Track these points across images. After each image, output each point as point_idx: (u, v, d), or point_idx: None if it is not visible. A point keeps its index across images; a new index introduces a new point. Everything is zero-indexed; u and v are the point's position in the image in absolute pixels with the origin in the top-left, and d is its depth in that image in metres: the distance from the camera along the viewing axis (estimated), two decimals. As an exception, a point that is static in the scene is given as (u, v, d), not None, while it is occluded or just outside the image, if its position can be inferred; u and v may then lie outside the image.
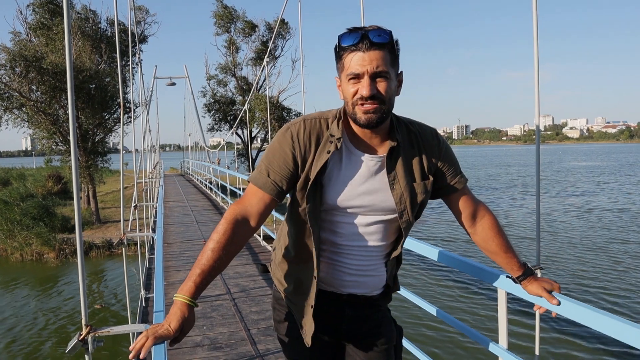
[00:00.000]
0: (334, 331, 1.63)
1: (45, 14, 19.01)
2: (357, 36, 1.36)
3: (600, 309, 1.51)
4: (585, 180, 37.46)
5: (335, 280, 1.58)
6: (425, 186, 1.54)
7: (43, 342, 8.84)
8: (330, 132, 1.48)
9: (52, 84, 16.98)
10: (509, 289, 1.84)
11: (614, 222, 18.33)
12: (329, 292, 1.60)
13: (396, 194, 1.50)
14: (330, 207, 1.50)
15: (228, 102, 30.46)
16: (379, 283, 1.63)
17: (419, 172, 1.54)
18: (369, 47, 1.35)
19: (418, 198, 1.53)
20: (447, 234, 16.77)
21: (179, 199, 16.88)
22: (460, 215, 1.66)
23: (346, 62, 1.40)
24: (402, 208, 1.51)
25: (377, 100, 1.39)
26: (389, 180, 1.50)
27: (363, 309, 1.62)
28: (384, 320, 1.68)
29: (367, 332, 1.64)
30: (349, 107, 1.43)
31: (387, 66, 1.38)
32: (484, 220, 1.66)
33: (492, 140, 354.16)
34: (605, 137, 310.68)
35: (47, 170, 29.57)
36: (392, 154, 1.50)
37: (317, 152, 1.47)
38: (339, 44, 1.41)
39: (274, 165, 1.47)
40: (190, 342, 4.12)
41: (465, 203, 1.64)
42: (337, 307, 1.61)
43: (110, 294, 11.93)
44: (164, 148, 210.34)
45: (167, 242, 8.66)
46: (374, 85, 1.37)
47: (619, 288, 10.28)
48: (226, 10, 28.98)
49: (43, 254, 15.48)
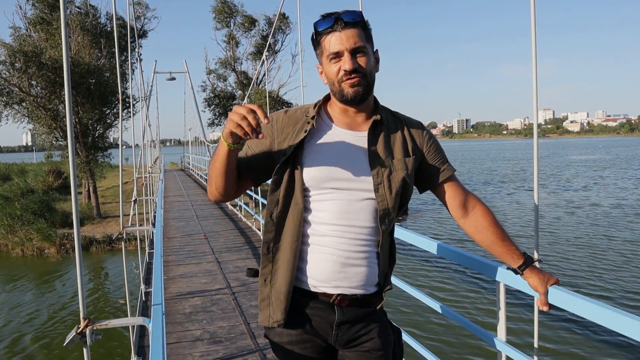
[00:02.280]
0: (326, 336, 1.56)
1: (44, 8, 18.99)
2: (331, 19, 1.45)
3: (599, 301, 1.51)
4: (584, 174, 37.44)
5: (322, 273, 1.50)
6: (406, 163, 1.54)
7: (43, 335, 8.87)
8: (306, 115, 1.56)
9: (51, 79, 16.96)
10: (508, 282, 1.84)
11: (611, 215, 18.34)
12: (319, 294, 1.52)
13: (374, 167, 1.50)
14: (311, 183, 1.50)
15: (228, 96, 30.44)
16: (371, 278, 1.55)
17: (401, 149, 1.55)
18: (344, 26, 1.44)
19: (398, 174, 1.52)
20: (445, 229, 16.79)
21: (179, 194, 16.88)
22: (451, 206, 1.64)
23: (325, 44, 1.48)
24: (378, 181, 1.49)
25: (359, 74, 1.46)
26: (369, 154, 1.51)
27: (356, 312, 1.54)
28: (380, 324, 1.60)
29: (362, 336, 1.57)
30: (335, 85, 1.50)
31: (363, 42, 1.46)
32: (476, 209, 1.63)
33: (493, 134, 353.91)
34: (606, 131, 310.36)
35: (47, 166, 29.56)
36: (375, 129, 1.54)
37: (295, 133, 1.53)
38: (315, 30, 1.49)
39: (252, 146, 1.56)
40: (190, 336, 4.13)
41: (454, 192, 1.63)
42: (327, 310, 1.53)
43: (110, 288, 11.96)
44: (164, 143, 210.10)
45: (167, 237, 8.67)
46: (355, 60, 1.45)
47: (617, 280, 10.30)
48: (225, 5, 28.90)
49: (44, 249, 15.52)
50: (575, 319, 7.90)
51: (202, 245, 7.95)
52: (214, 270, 6.27)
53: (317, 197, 1.51)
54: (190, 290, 5.46)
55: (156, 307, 1.88)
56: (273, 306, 1.53)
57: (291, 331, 1.54)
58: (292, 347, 1.55)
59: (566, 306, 1.57)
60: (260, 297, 1.56)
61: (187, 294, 5.33)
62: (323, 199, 1.50)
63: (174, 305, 4.94)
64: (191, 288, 5.53)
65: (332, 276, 1.50)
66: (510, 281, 1.79)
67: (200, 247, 7.77)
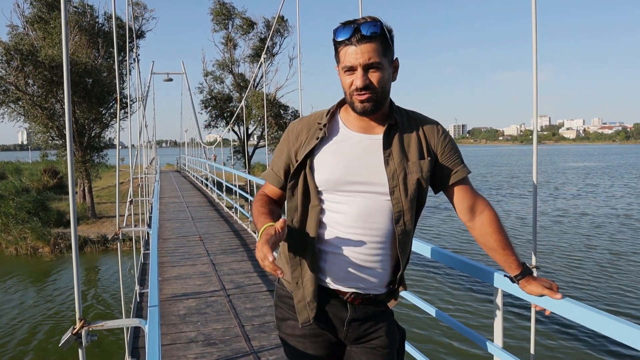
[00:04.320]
0: (337, 331, 1.62)
1: (42, 7, 18.93)
2: (350, 30, 1.45)
3: (596, 308, 1.51)
4: (577, 181, 37.57)
5: (340, 273, 1.55)
6: (421, 166, 1.55)
7: (37, 336, 8.81)
8: (319, 122, 1.61)
9: (48, 78, 16.90)
10: (505, 288, 1.84)
11: (608, 223, 18.40)
12: (333, 291, 1.58)
13: (389, 170, 1.52)
14: (326, 186, 1.54)
15: (225, 98, 30.39)
16: (384, 279, 1.60)
17: (416, 151, 1.57)
18: (361, 40, 1.43)
19: (412, 176, 1.54)
20: (445, 230, 16.80)
21: (175, 195, 16.85)
22: (459, 208, 1.65)
23: (341, 56, 1.49)
24: (394, 184, 1.52)
25: (370, 91, 1.47)
26: (384, 157, 1.53)
27: (367, 310, 1.60)
28: (388, 323, 1.65)
29: (371, 334, 1.62)
30: (347, 96, 1.53)
31: (379, 57, 1.45)
32: (483, 215, 1.64)
33: (489, 140, 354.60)
34: (602, 138, 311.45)
35: (42, 165, 29.43)
36: (390, 132, 1.56)
37: (307, 140, 1.58)
38: (334, 38, 1.50)
39: (276, 161, 1.67)
40: (184, 337, 4.11)
41: (464, 195, 1.64)
42: (340, 307, 1.59)
43: (104, 288, 11.90)
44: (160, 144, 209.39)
45: (162, 238, 8.64)
46: (367, 76, 1.46)
47: (613, 287, 10.32)
48: (223, 7, 28.90)
49: (38, 248, 15.43)
50: (571, 326, 7.92)
51: (197, 247, 7.93)
52: (208, 272, 6.25)
53: (333, 200, 1.55)
54: (185, 291, 5.44)
55: (152, 309, 1.88)
56: (309, 306, 1.57)
57: (305, 325, 1.60)
58: (304, 341, 1.62)
59: (563, 313, 1.57)
60: (296, 299, 1.60)
61: (181, 295, 5.31)
62: (339, 202, 1.54)
63: (169, 306, 4.92)
64: (186, 290, 5.51)
65: (348, 276, 1.56)
66: (508, 287, 1.79)
67: (195, 249, 7.75)
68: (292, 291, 1.61)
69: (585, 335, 7.76)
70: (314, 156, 1.56)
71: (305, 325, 1.58)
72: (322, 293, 1.58)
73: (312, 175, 1.55)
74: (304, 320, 1.58)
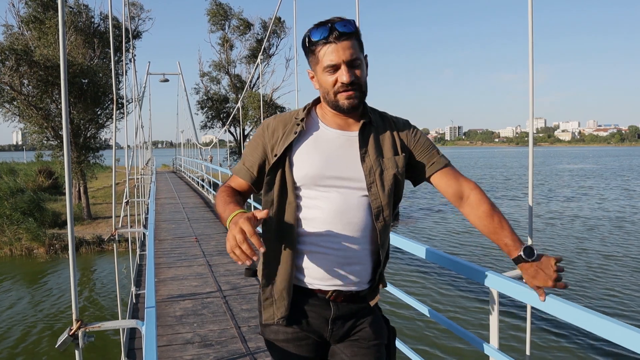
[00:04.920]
0: (322, 332, 1.59)
1: (38, 7, 18.87)
2: (326, 29, 1.46)
3: (590, 309, 1.52)
4: (571, 183, 37.70)
5: (320, 271, 1.54)
6: (396, 161, 1.58)
7: (33, 337, 8.78)
8: (296, 117, 1.61)
9: (43, 78, 16.84)
10: (500, 289, 1.85)
11: (602, 224, 18.48)
12: (313, 291, 1.56)
13: (366, 167, 1.54)
14: (303, 182, 1.54)
15: (221, 99, 30.41)
16: (365, 275, 1.58)
17: (391, 148, 1.60)
18: (339, 37, 1.45)
19: (389, 172, 1.56)
20: (439, 232, 16.84)
21: (171, 196, 16.82)
22: (447, 195, 1.66)
23: (320, 55, 1.48)
24: (371, 180, 1.53)
25: (356, 86, 1.49)
26: (361, 154, 1.55)
27: (350, 307, 1.58)
28: (374, 319, 1.64)
29: (355, 331, 1.61)
30: (330, 95, 1.52)
31: (358, 53, 1.48)
32: (471, 197, 1.63)
33: (485, 141, 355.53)
34: (597, 140, 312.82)
35: (37, 165, 29.33)
36: (365, 130, 1.58)
37: (284, 135, 1.58)
38: (309, 39, 1.50)
39: (248, 156, 1.64)
40: (181, 339, 4.11)
41: (447, 182, 1.64)
42: (324, 306, 1.57)
43: (100, 290, 11.86)
44: (156, 145, 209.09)
45: (158, 239, 8.62)
46: (352, 72, 1.47)
47: (609, 288, 10.37)
48: (220, 7, 28.90)
49: (33, 249, 15.37)
50: (567, 327, 7.95)
51: (193, 248, 7.92)
52: (205, 273, 6.24)
53: (311, 196, 1.54)
54: (181, 293, 5.44)
55: (149, 310, 1.88)
56: (277, 304, 1.57)
57: (287, 329, 1.58)
58: (288, 345, 1.59)
59: (558, 314, 1.58)
60: (263, 296, 1.60)
61: (178, 296, 5.30)
62: (317, 197, 1.54)
63: (165, 307, 4.92)
64: (182, 291, 5.51)
65: (328, 274, 1.54)
66: (503, 288, 1.80)
67: (191, 250, 7.74)
68: (261, 287, 1.60)
69: (581, 336, 7.79)
70: (292, 151, 1.56)
71: (269, 323, 1.58)
72: (303, 294, 1.56)
73: (291, 170, 1.54)
74: (267, 318, 1.58)
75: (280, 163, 1.55)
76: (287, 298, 1.55)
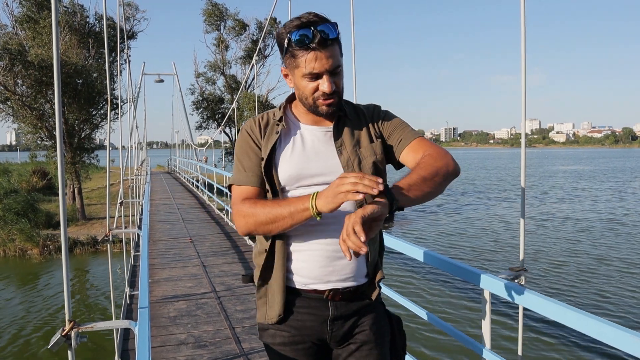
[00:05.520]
0: (322, 334, 1.57)
1: (32, 7, 18.79)
2: (309, 33, 1.38)
3: (582, 310, 1.53)
4: (564, 185, 37.86)
5: (313, 271, 1.52)
6: (373, 149, 1.56)
7: (26, 338, 8.74)
8: (274, 118, 1.59)
9: (37, 78, 16.77)
10: (493, 290, 1.86)
11: (596, 226, 18.57)
12: (310, 292, 1.54)
13: (343, 159, 1.53)
14: (286, 182, 1.52)
15: (216, 100, 30.36)
16: (360, 268, 1.55)
17: (366, 136, 1.58)
18: (322, 44, 1.39)
19: (367, 161, 1.54)
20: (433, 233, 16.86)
21: (166, 197, 16.79)
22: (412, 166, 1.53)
23: (301, 61, 1.42)
24: (349, 171, 1.48)
25: (336, 94, 1.47)
26: (336, 147, 1.54)
27: (349, 306, 1.56)
28: (374, 315, 1.61)
29: (354, 329, 1.58)
30: (309, 101, 1.49)
31: (339, 60, 1.45)
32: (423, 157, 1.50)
33: (480, 143, 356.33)
34: (591, 142, 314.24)
35: (31, 166, 29.18)
36: (338, 123, 1.56)
37: (267, 136, 1.56)
38: (289, 41, 1.42)
39: (245, 161, 1.56)
40: (175, 339, 4.10)
41: (416, 155, 1.52)
42: (321, 307, 1.55)
43: (94, 290, 11.82)
44: (151, 145, 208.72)
45: (152, 240, 8.61)
46: (333, 81, 1.44)
47: (597, 289, 10.42)
48: (215, 8, 28.88)
49: (26, 250, 15.29)
50: (559, 327, 7.98)
51: (188, 248, 7.91)
52: (199, 274, 6.24)
53: (296, 195, 1.51)
54: (175, 293, 5.43)
55: (142, 311, 1.88)
56: (269, 303, 1.57)
57: (284, 333, 1.57)
58: (284, 349, 1.58)
59: (549, 314, 1.59)
60: (257, 296, 1.61)
61: (172, 297, 5.29)
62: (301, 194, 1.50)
63: (159, 308, 4.91)
64: (176, 292, 5.50)
65: (321, 272, 1.52)
66: (495, 289, 1.81)
67: (185, 251, 7.73)
68: (256, 288, 1.61)
69: (572, 336, 7.82)
70: (275, 153, 1.54)
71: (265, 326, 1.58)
72: (299, 296, 1.55)
73: (276, 172, 1.53)
74: (260, 317, 1.59)
75: (267, 166, 1.53)
76: (281, 298, 1.54)
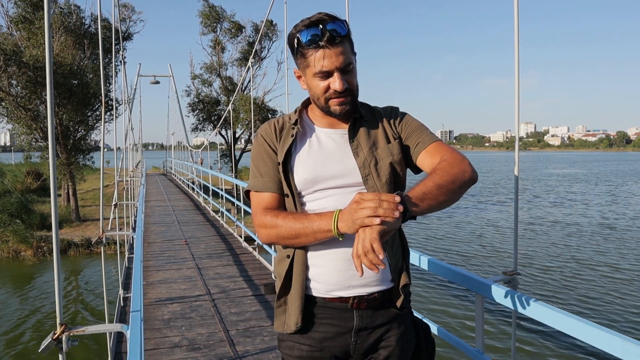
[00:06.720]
0: (345, 346, 1.51)
1: (27, 7, 18.72)
2: (318, 32, 1.37)
3: (575, 314, 1.54)
4: (557, 188, 37.98)
5: (334, 278, 1.47)
6: (390, 150, 1.53)
7: (16, 341, 8.67)
8: (289, 121, 1.57)
9: (32, 79, 16.69)
10: (485, 293, 1.86)
11: (588, 229, 18.63)
12: (335, 300, 1.48)
13: (360, 160, 1.50)
14: (303, 186, 1.49)
15: (212, 102, 30.33)
16: (383, 273, 1.49)
17: (383, 137, 1.55)
18: (331, 41, 1.37)
19: (384, 161, 1.50)
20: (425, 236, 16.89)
21: (161, 199, 16.74)
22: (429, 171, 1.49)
23: (311, 60, 1.41)
24: (366, 172, 1.48)
25: (348, 92, 1.44)
26: (352, 148, 1.51)
27: (375, 316, 1.50)
28: (402, 328, 1.54)
29: (380, 343, 1.52)
30: (321, 101, 1.47)
31: (350, 57, 1.42)
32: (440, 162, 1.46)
33: (475, 146, 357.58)
34: (586, 145, 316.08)
35: (26, 167, 29.02)
36: (354, 125, 1.54)
37: (282, 140, 1.53)
38: (298, 41, 1.42)
39: (261, 166, 1.53)
40: (169, 342, 4.09)
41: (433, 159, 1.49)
42: (346, 317, 1.48)
43: (88, 293, 11.76)
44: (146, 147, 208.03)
45: (147, 242, 8.58)
46: (344, 79, 1.42)
47: (592, 294, 10.45)
48: (212, 9, 28.87)
49: (20, 252, 15.19)
50: (551, 331, 7.99)
51: (183, 251, 7.89)
52: (194, 276, 6.22)
53: (312, 199, 1.49)
54: (169, 296, 5.41)
55: (134, 314, 1.86)
56: (288, 312, 1.52)
57: (303, 346, 1.52)
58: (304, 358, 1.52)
59: (542, 318, 1.59)
60: (276, 305, 1.55)
61: (166, 299, 5.27)
62: (318, 199, 1.49)
63: (153, 311, 4.89)
64: (170, 294, 5.48)
65: (342, 276, 1.47)
66: (488, 293, 1.82)
67: (180, 253, 7.70)
68: (276, 297, 1.55)
69: (564, 341, 7.83)
70: (291, 157, 1.51)
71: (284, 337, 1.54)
72: (322, 306, 1.50)
73: (293, 177, 1.50)
74: (277, 326, 1.55)
75: (283, 170, 1.50)
76: (299, 305, 1.49)
